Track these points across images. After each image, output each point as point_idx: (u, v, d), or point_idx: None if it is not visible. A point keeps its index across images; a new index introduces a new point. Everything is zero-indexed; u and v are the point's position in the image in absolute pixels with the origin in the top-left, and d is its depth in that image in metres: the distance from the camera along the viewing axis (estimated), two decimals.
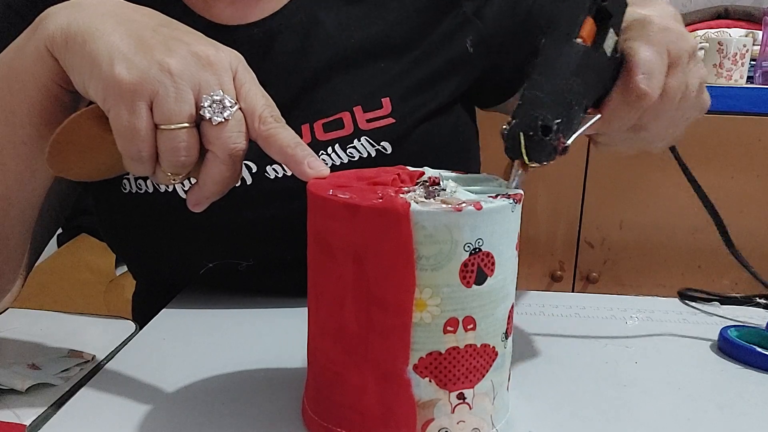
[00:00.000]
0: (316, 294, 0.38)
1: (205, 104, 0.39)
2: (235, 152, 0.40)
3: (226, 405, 0.43)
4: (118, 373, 0.48)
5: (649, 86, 0.40)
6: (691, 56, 0.43)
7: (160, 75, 0.38)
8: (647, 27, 0.41)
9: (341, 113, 0.59)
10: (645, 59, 0.40)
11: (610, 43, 0.39)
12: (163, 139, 0.39)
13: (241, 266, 0.62)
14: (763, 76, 1.60)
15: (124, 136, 0.39)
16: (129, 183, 0.59)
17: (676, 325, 0.58)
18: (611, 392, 0.46)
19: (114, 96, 0.38)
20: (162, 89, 0.38)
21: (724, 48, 1.58)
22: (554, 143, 0.37)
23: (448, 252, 0.34)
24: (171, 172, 0.40)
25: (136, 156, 0.39)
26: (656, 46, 0.41)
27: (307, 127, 0.58)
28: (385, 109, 0.59)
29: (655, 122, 0.43)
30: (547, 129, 0.36)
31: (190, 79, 0.38)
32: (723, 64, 1.58)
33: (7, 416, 0.42)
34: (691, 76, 0.43)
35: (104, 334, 0.55)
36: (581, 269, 1.59)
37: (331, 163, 0.58)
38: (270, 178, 0.58)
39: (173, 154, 0.39)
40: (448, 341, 0.35)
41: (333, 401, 0.38)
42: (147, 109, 0.38)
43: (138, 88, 0.38)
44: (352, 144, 0.58)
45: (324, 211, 0.36)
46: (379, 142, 0.59)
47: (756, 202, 1.48)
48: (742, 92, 1.49)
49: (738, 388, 0.47)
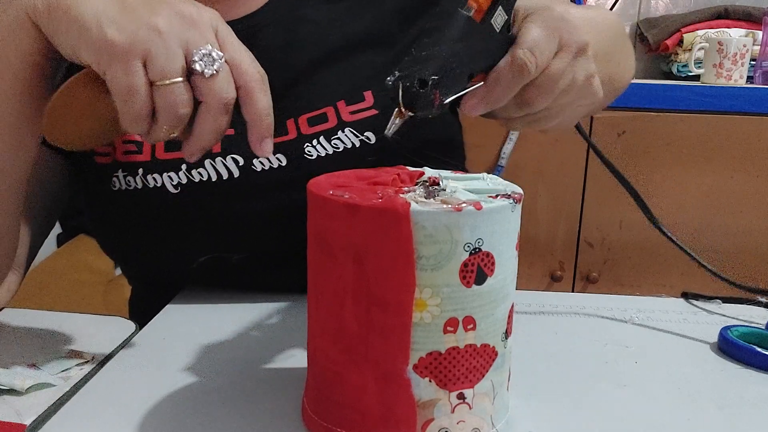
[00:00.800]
0: (316, 294, 0.38)
1: (195, 58, 0.40)
2: (227, 102, 0.42)
3: (226, 405, 0.43)
4: (118, 373, 0.48)
5: (529, 60, 0.42)
6: (581, 50, 0.45)
7: (149, 34, 0.40)
8: (546, 13, 0.44)
9: (325, 108, 0.60)
10: (532, 37, 0.42)
11: (499, 20, 0.42)
12: (160, 94, 0.40)
13: (233, 259, 0.62)
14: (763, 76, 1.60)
15: (123, 96, 0.40)
16: (118, 180, 0.60)
17: (676, 325, 0.58)
18: (611, 392, 0.46)
19: (108, 58, 0.39)
20: (154, 47, 0.40)
21: (724, 48, 1.58)
22: (430, 97, 0.40)
23: (448, 252, 0.34)
24: (168, 127, 0.42)
25: (136, 114, 0.41)
26: (548, 29, 0.43)
27: (292, 122, 0.59)
28: (367, 102, 0.60)
29: (539, 99, 0.45)
30: (424, 82, 0.39)
31: (178, 37, 0.40)
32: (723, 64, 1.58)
33: (7, 416, 0.42)
34: (578, 68, 0.45)
35: (104, 334, 0.55)
36: (581, 269, 1.59)
37: (316, 154, 0.59)
38: (257, 170, 0.59)
39: (171, 109, 0.41)
40: (448, 341, 0.35)
41: (333, 401, 0.38)
42: (141, 67, 0.40)
43: (131, 48, 0.39)
44: (336, 135, 0.59)
45: (324, 211, 0.36)
46: (363, 133, 0.59)
47: (756, 202, 1.48)
48: (742, 92, 1.49)
49: (738, 388, 0.47)
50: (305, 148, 0.58)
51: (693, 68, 1.71)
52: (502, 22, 0.43)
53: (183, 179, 0.59)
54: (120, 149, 0.60)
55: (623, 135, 1.48)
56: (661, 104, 1.49)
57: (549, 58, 0.43)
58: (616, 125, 1.48)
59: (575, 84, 0.46)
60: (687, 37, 1.78)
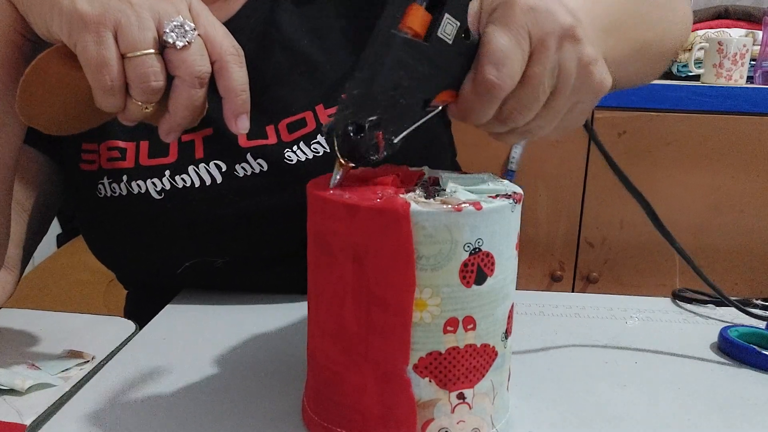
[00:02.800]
0: (316, 294, 0.38)
1: (167, 29, 0.40)
2: (200, 74, 0.41)
3: (226, 405, 0.43)
4: (118, 373, 0.48)
5: (498, 77, 0.36)
6: (565, 37, 0.38)
7: (120, 5, 0.39)
8: (510, 7, 0.37)
9: (304, 113, 0.59)
10: (496, 47, 0.36)
11: (448, 30, 0.36)
12: (132, 66, 0.40)
13: (217, 263, 0.62)
14: (763, 76, 1.60)
15: (93, 67, 0.39)
16: (104, 187, 0.60)
17: (676, 325, 0.58)
18: (611, 392, 0.46)
19: (79, 29, 0.39)
20: (124, 18, 0.39)
21: (724, 48, 1.58)
22: (372, 141, 0.36)
23: (448, 252, 0.34)
24: (142, 101, 0.41)
25: (108, 87, 0.40)
26: (514, 30, 0.37)
27: (272, 128, 0.59)
28: None
29: (522, 112, 0.39)
30: (360, 127, 0.35)
31: (149, 8, 0.40)
32: (723, 64, 1.58)
33: (7, 416, 0.42)
34: (566, 59, 0.38)
35: (104, 334, 0.55)
36: (581, 269, 1.59)
37: (296, 159, 0.58)
38: (239, 176, 0.59)
39: (143, 80, 0.40)
40: (448, 341, 0.35)
41: (333, 401, 0.38)
42: (113, 38, 0.39)
43: (101, 19, 0.39)
44: (315, 140, 0.58)
45: (324, 212, 0.36)
46: None
47: (756, 202, 1.48)
48: (742, 92, 1.49)
49: (738, 388, 0.47)
50: (285, 154, 0.58)
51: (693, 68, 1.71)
52: (454, 30, 0.36)
53: (166, 185, 0.59)
54: (104, 156, 0.60)
55: (623, 135, 1.48)
56: (661, 104, 1.49)
57: (522, 64, 0.37)
58: (616, 125, 1.48)
59: (567, 79, 0.39)
60: None
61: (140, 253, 0.63)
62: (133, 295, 0.77)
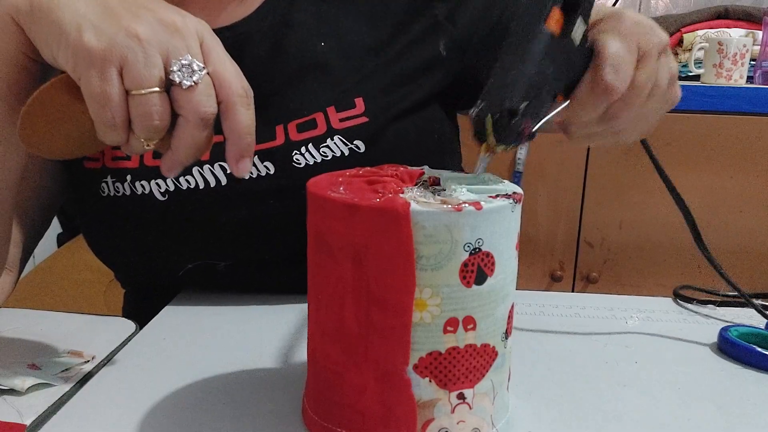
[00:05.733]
0: (316, 294, 0.38)
1: (174, 68, 0.39)
2: (205, 116, 0.40)
3: (226, 405, 0.43)
4: (118, 373, 0.48)
5: (616, 80, 0.41)
6: (662, 51, 0.44)
7: (128, 41, 0.38)
8: (619, 20, 0.42)
9: (314, 114, 0.59)
10: (614, 53, 0.41)
11: (578, 32, 0.39)
12: (135, 104, 0.39)
13: (220, 266, 0.62)
14: (763, 76, 1.60)
15: (96, 103, 0.39)
16: (107, 186, 0.60)
17: (676, 324, 0.58)
18: (611, 392, 0.46)
19: (84, 63, 0.38)
20: (131, 55, 0.38)
21: (724, 48, 1.58)
22: (521, 127, 0.37)
23: (448, 252, 0.34)
24: (144, 138, 0.40)
25: (110, 122, 0.39)
26: (626, 38, 0.41)
27: (281, 128, 0.59)
28: (358, 109, 0.60)
29: (624, 113, 0.43)
30: (514, 112, 0.36)
31: (158, 45, 0.39)
32: (723, 64, 1.58)
33: (7, 416, 0.42)
34: (661, 70, 0.44)
35: (104, 334, 0.55)
36: (581, 269, 1.59)
37: (304, 162, 0.58)
38: (245, 178, 0.58)
39: (146, 119, 0.39)
40: (448, 341, 0.35)
41: (333, 401, 0.38)
42: (117, 75, 0.38)
43: (107, 54, 0.38)
44: (325, 143, 0.58)
45: (324, 211, 0.36)
46: (353, 141, 0.59)
47: (756, 202, 1.48)
48: (742, 92, 1.49)
49: (738, 388, 0.47)
50: (293, 156, 0.58)
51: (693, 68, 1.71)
52: (581, 34, 0.40)
53: (171, 186, 0.58)
54: (109, 155, 0.60)
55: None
56: None
57: (632, 71, 0.42)
58: None
59: (660, 87, 0.44)
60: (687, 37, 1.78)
61: (142, 254, 0.62)
62: (131, 294, 0.77)
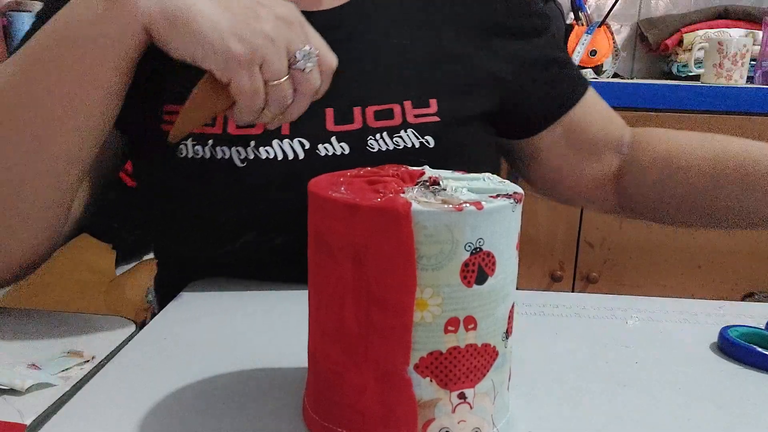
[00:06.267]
0: (317, 294, 0.38)
1: (299, 57, 0.48)
2: (317, 89, 0.51)
3: (226, 405, 0.43)
4: (118, 373, 0.48)
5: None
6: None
7: (264, 42, 0.47)
8: None
9: (392, 104, 0.62)
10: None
11: None
12: (274, 91, 0.49)
13: (277, 241, 0.64)
14: (763, 76, 1.60)
15: (248, 97, 0.48)
16: (186, 148, 0.62)
17: (676, 325, 0.58)
18: (611, 392, 0.46)
19: (234, 67, 0.47)
20: (269, 54, 0.47)
21: (724, 48, 1.58)
22: None
23: (449, 252, 0.34)
24: (275, 113, 0.51)
25: (255, 109, 0.49)
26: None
27: (359, 111, 0.62)
28: (431, 108, 0.63)
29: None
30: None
31: (284, 40, 0.48)
32: (723, 64, 1.59)
33: (7, 416, 0.42)
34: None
35: (104, 334, 0.55)
36: (581, 269, 1.59)
37: (377, 148, 0.61)
38: (320, 155, 0.61)
39: (282, 102, 0.50)
40: (449, 341, 0.35)
41: (333, 401, 0.38)
42: (259, 71, 0.48)
43: (253, 57, 0.47)
44: (398, 134, 0.62)
45: (324, 211, 0.36)
46: (424, 136, 0.62)
47: None
48: (742, 92, 1.49)
49: (738, 388, 0.47)
50: (368, 140, 0.61)
51: (693, 68, 1.71)
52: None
53: (250, 155, 0.61)
54: None
55: None
56: (661, 104, 1.49)
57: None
58: None
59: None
60: (687, 37, 1.78)
61: (205, 218, 0.64)
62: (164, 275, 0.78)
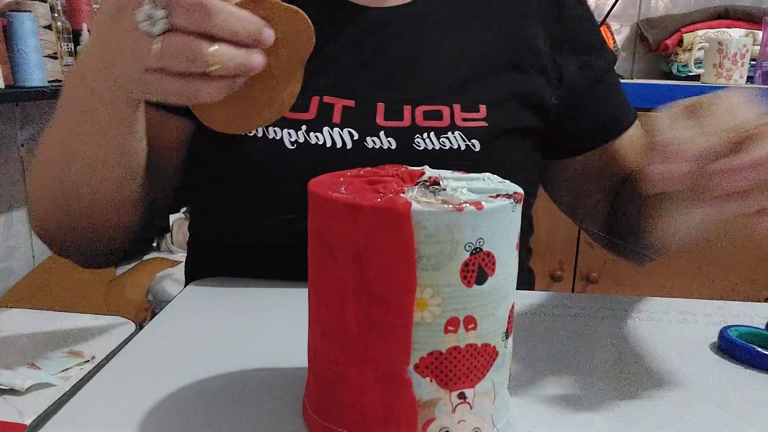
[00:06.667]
0: (317, 294, 0.38)
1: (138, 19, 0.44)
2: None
3: (226, 405, 0.43)
4: (118, 373, 0.48)
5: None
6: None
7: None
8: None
9: (442, 106, 0.63)
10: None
11: None
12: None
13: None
14: (763, 76, 1.60)
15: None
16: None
17: (676, 325, 0.58)
18: (611, 392, 0.46)
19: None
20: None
21: (724, 48, 1.58)
22: None
23: (449, 252, 0.34)
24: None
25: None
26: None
27: (408, 110, 0.63)
28: (480, 114, 0.65)
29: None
30: None
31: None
32: (723, 64, 1.59)
33: (8, 415, 0.42)
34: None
35: (104, 334, 0.55)
36: (581, 269, 1.59)
37: (423, 146, 0.62)
38: (368, 147, 0.62)
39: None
40: (449, 341, 0.35)
41: (334, 401, 0.38)
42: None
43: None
44: (446, 135, 0.63)
45: (324, 211, 0.36)
46: (471, 139, 0.63)
47: None
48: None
49: (738, 388, 0.47)
50: (415, 138, 0.62)
51: (693, 68, 1.71)
52: None
53: (301, 139, 0.62)
54: None
55: None
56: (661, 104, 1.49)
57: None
58: None
59: None
60: (687, 37, 1.78)
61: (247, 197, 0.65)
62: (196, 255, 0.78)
